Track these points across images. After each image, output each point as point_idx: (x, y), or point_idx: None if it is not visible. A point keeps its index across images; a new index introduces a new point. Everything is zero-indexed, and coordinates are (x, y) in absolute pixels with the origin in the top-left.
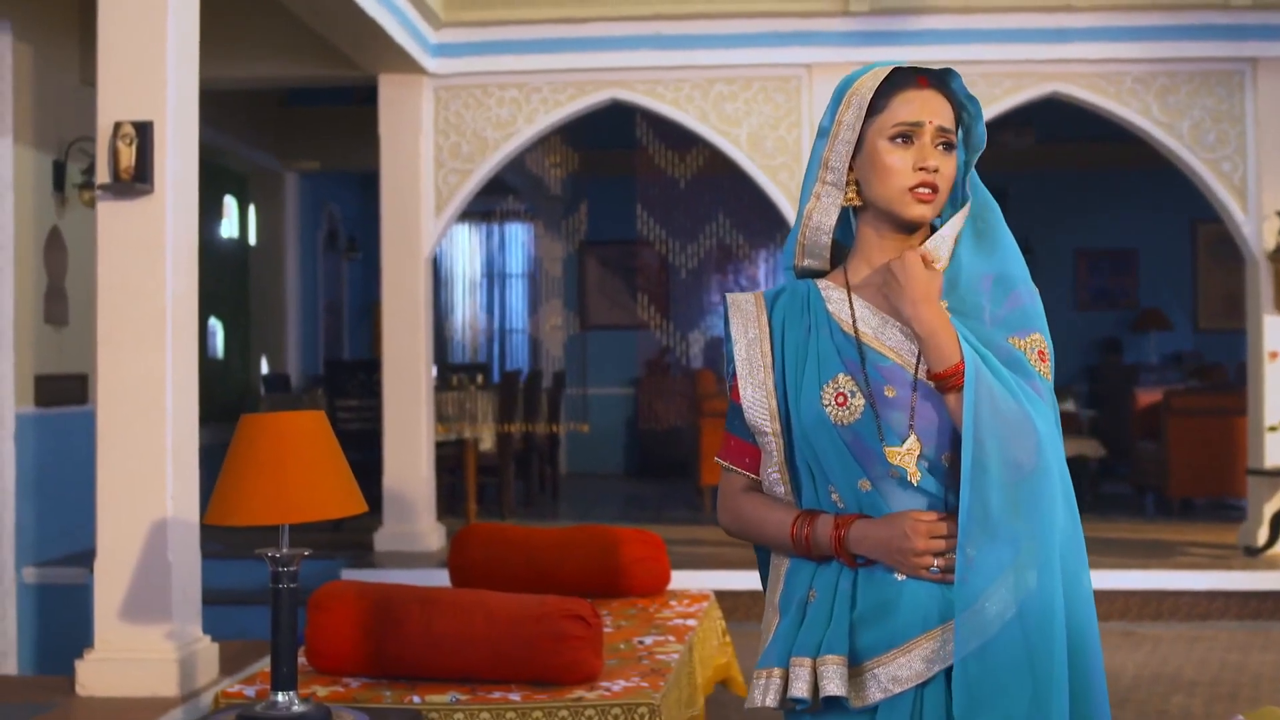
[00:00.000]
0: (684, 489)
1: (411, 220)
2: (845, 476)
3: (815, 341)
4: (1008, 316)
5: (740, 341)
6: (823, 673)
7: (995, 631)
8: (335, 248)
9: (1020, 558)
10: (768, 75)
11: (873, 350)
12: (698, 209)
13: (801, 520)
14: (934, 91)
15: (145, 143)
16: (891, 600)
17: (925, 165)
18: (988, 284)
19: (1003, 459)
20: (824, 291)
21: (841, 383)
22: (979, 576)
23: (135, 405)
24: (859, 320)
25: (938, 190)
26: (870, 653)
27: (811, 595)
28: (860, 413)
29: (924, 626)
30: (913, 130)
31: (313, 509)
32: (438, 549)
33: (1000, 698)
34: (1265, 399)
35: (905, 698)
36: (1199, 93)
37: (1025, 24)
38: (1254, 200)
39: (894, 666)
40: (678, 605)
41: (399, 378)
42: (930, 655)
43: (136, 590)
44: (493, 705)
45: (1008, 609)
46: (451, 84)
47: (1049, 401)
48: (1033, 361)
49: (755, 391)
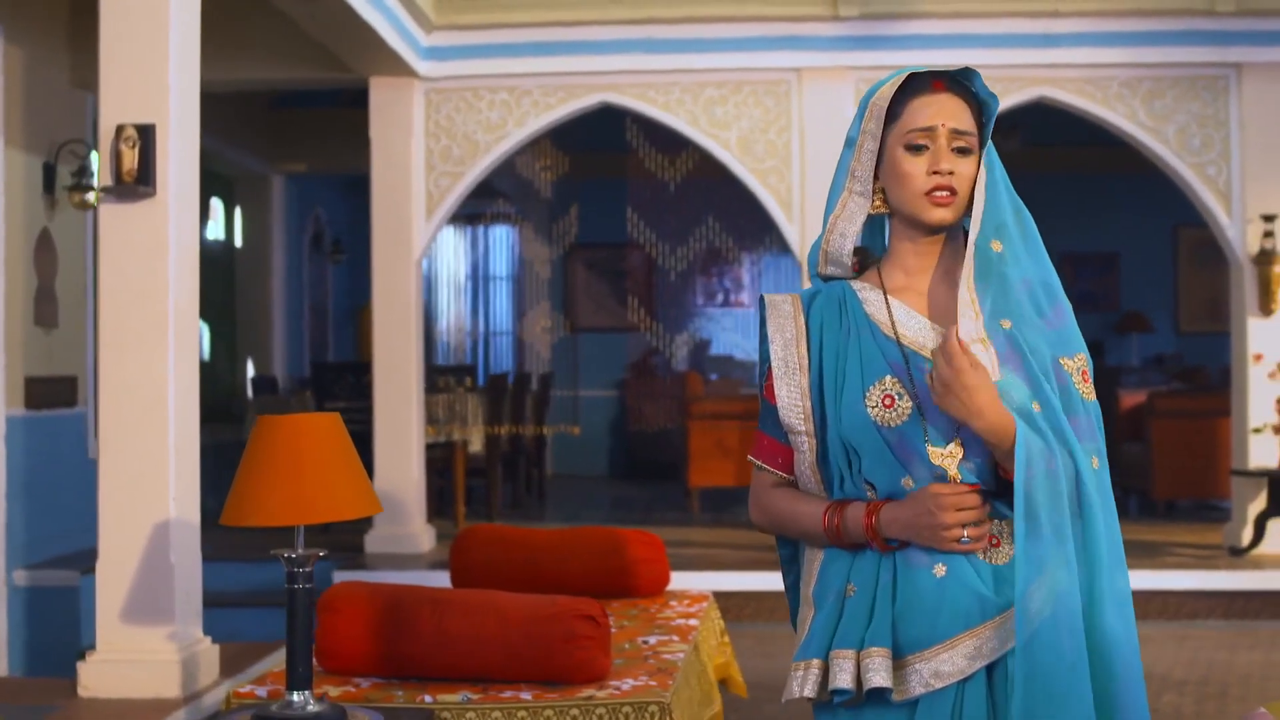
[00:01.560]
0: (672, 491)
1: (402, 223)
2: (887, 477)
3: (858, 344)
4: (1054, 336)
5: (776, 341)
6: (867, 665)
7: (1041, 624)
8: (321, 250)
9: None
10: (757, 79)
11: (915, 353)
12: (687, 212)
13: (833, 510)
14: (949, 94)
15: (148, 145)
16: (933, 596)
17: (939, 169)
18: (1033, 288)
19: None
20: (860, 294)
21: (889, 385)
22: (1029, 567)
23: (138, 407)
24: (899, 324)
25: (956, 192)
26: (912, 647)
27: (850, 589)
28: (908, 415)
29: (967, 624)
30: (927, 135)
31: (329, 510)
32: (429, 550)
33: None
34: (1249, 401)
35: (947, 694)
36: (1185, 97)
37: (1013, 29)
38: (1238, 204)
39: (936, 662)
40: (678, 605)
41: (390, 380)
42: (972, 652)
43: (138, 591)
44: (505, 704)
45: (1045, 607)
46: (442, 87)
47: (1089, 428)
48: (1078, 384)
49: (791, 391)
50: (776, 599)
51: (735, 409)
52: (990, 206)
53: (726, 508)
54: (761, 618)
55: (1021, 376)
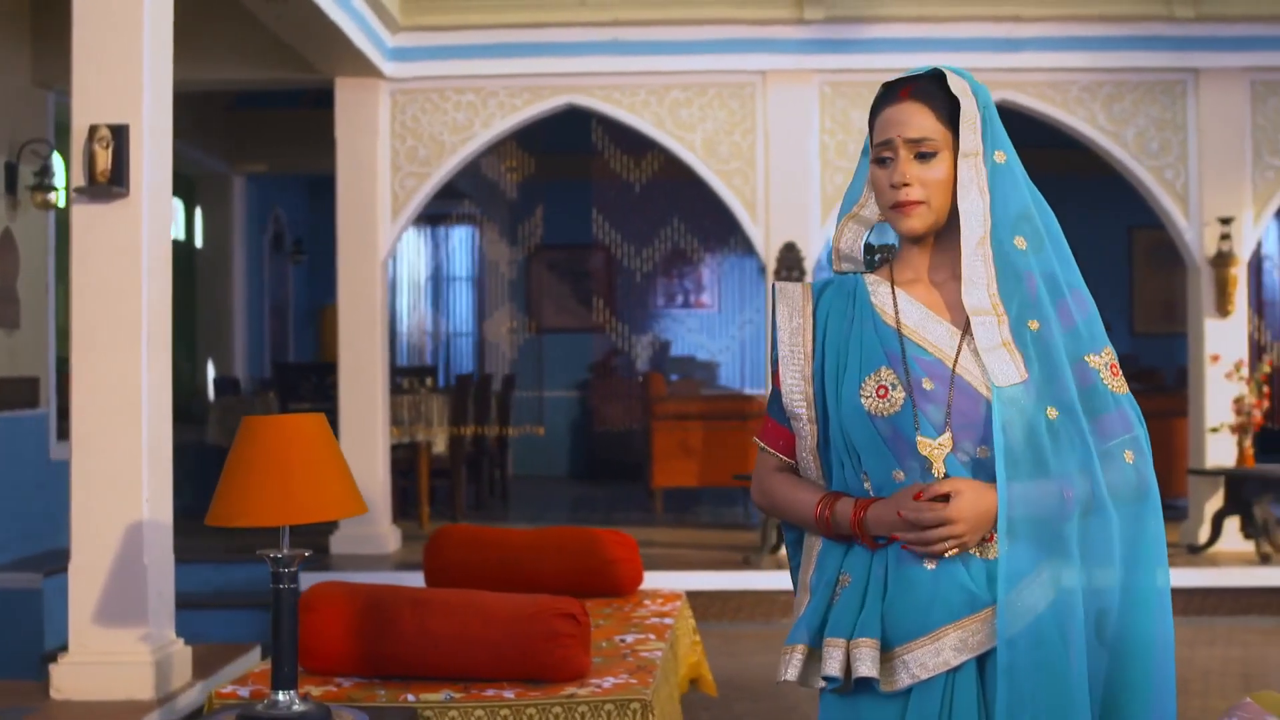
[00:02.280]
0: (634, 492)
1: (368, 224)
2: (880, 466)
3: (859, 333)
4: (1079, 333)
5: (784, 329)
6: (855, 655)
7: (1034, 620)
8: (282, 251)
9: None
10: (723, 82)
11: (913, 343)
12: (653, 213)
13: (825, 502)
14: (912, 102)
15: (121, 146)
16: (922, 589)
17: (894, 182)
18: (1057, 284)
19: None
20: (870, 286)
21: (884, 375)
22: (1023, 564)
23: (110, 407)
24: (901, 313)
25: (921, 201)
26: (900, 639)
27: (844, 579)
28: (900, 405)
29: (952, 616)
30: (888, 149)
31: (317, 510)
32: (395, 551)
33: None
34: (1206, 401)
35: (936, 684)
36: (1143, 101)
37: (976, 33)
38: (1195, 207)
39: (921, 654)
40: (652, 604)
41: (355, 381)
42: (958, 644)
43: (112, 593)
44: (487, 703)
45: (1047, 599)
46: (408, 88)
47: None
48: (1106, 380)
49: (794, 378)
50: (741, 598)
51: (698, 409)
52: (1006, 197)
53: (690, 508)
54: (727, 617)
55: (1046, 379)
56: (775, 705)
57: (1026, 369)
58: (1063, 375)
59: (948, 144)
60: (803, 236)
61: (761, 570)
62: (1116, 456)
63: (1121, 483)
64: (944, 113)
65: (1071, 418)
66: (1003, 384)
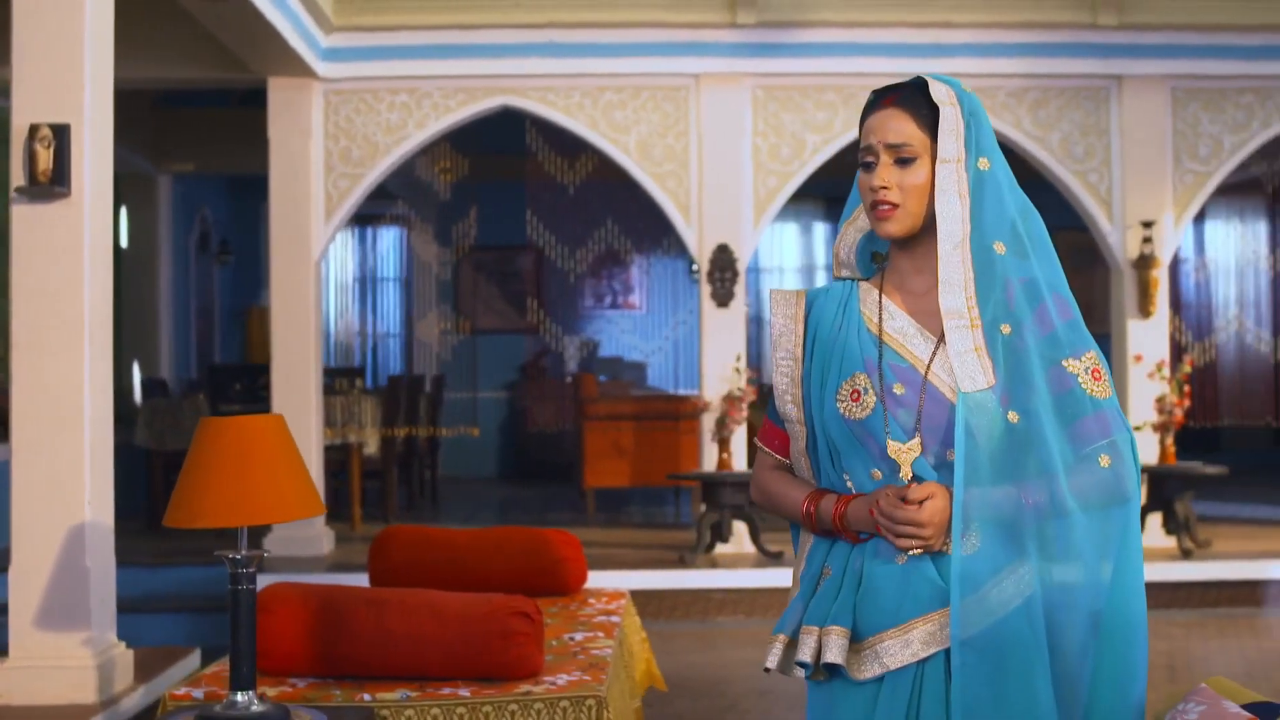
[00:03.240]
0: (565, 492)
1: (301, 224)
2: (859, 466)
3: (843, 339)
4: (1057, 338)
5: (779, 335)
6: (826, 642)
7: (1000, 618)
8: (208, 251)
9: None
10: (657, 84)
11: (891, 350)
12: (587, 214)
13: (811, 499)
14: (894, 109)
15: (63, 145)
16: (893, 584)
17: (871, 185)
18: (1035, 290)
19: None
20: (862, 293)
21: (858, 380)
22: (976, 571)
23: (53, 410)
24: (885, 321)
25: (896, 205)
26: (871, 630)
27: (826, 571)
28: (871, 409)
29: (921, 610)
30: (869, 153)
31: (277, 511)
32: (329, 552)
33: (999, 679)
34: (1130, 400)
35: (906, 674)
36: (1068, 107)
37: (906, 39)
38: (1119, 210)
39: (892, 644)
40: (597, 603)
41: (288, 382)
42: (927, 637)
43: (54, 596)
44: (443, 701)
45: (1013, 599)
46: (342, 88)
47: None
48: (1085, 384)
49: (785, 381)
50: (677, 597)
51: (630, 410)
52: (987, 205)
53: (621, 508)
54: (663, 615)
55: (1013, 384)
56: (715, 703)
57: (995, 374)
58: (1031, 380)
59: (928, 151)
60: (735, 238)
61: (697, 569)
62: (1091, 461)
63: (1092, 486)
64: (926, 120)
65: (1035, 423)
66: (969, 389)
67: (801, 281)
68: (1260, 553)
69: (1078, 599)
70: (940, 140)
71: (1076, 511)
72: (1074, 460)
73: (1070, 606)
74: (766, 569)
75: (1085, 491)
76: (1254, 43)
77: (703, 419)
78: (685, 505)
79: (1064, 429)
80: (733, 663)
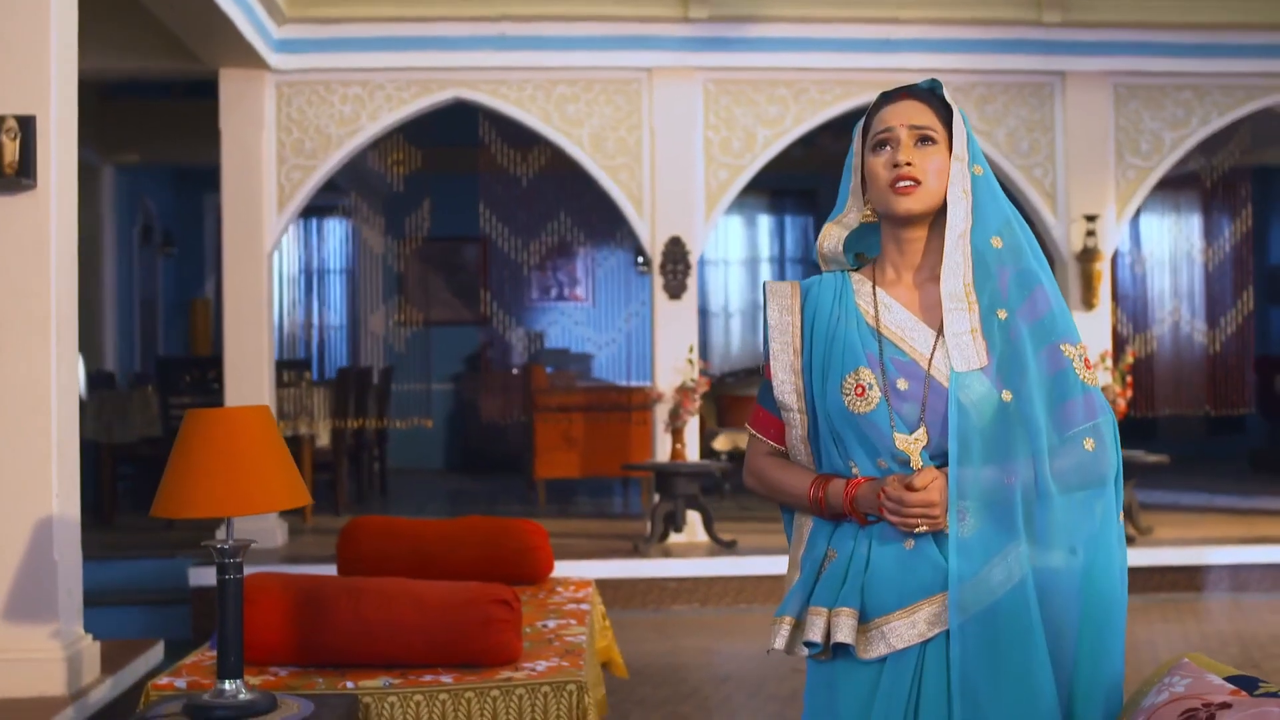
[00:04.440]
0: (513, 483)
1: (253, 216)
2: (864, 456)
3: (843, 332)
4: (1051, 324)
5: (775, 326)
6: (835, 623)
7: (999, 598)
8: (151, 243)
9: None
10: (609, 78)
11: (891, 344)
12: (540, 206)
13: (818, 484)
14: (912, 100)
15: (29, 137)
16: (901, 567)
17: (897, 161)
18: (1030, 280)
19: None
20: (855, 285)
21: (862, 375)
22: (976, 552)
23: (19, 404)
24: (882, 315)
25: (919, 181)
26: (878, 611)
27: (831, 554)
28: (876, 404)
29: (928, 591)
30: (887, 135)
31: (264, 501)
32: (282, 545)
33: (996, 657)
34: None
35: (910, 654)
36: (1014, 103)
37: (855, 34)
38: (1063, 204)
39: (900, 625)
40: (565, 591)
41: (241, 375)
42: (932, 618)
43: (21, 589)
44: (425, 688)
45: (1009, 579)
46: (294, 80)
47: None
48: (1078, 369)
49: (784, 372)
50: (633, 586)
51: (581, 401)
52: (985, 205)
53: (570, 499)
54: (619, 604)
55: (1006, 366)
56: (676, 690)
57: (989, 355)
58: (1024, 361)
59: (945, 141)
60: (688, 231)
61: (651, 559)
62: (1076, 443)
63: (1072, 469)
64: (941, 116)
65: (1026, 404)
66: (961, 369)
67: (746, 274)
68: (1200, 539)
69: (1060, 580)
70: (955, 137)
71: (1057, 495)
72: (1058, 443)
73: (1054, 588)
74: (720, 558)
75: (1065, 474)
76: (1193, 41)
77: (655, 410)
78: (634, 496)
79: (1051, 411)
80: (689, 650)
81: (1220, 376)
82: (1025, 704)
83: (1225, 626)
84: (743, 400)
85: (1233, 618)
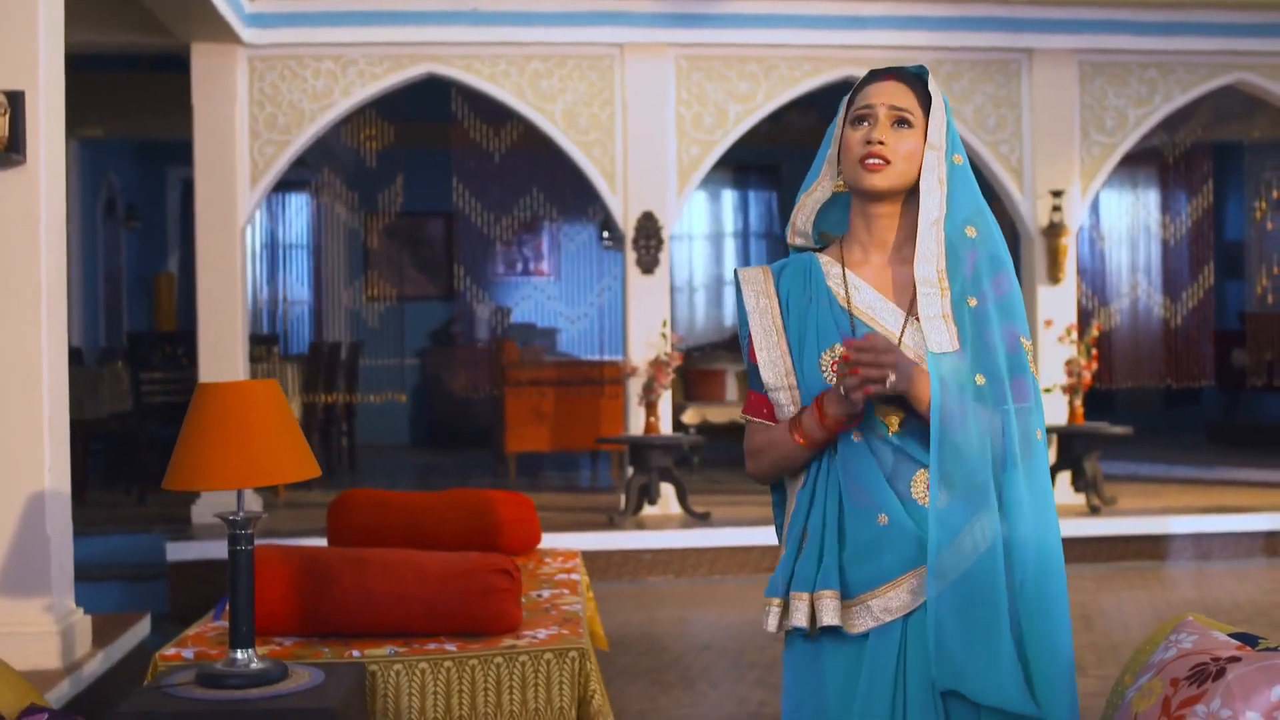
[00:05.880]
0: (482, 457)
1: (226, 191)
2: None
3: (815, 311)
4: (1010, 311)
5: (754, 311)
6: (819, 606)
7: (972, 563)
8: (114, 217)
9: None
10: (582, 53)
11: (863, 323)
12: (512, 182)
13: (794, 422)
14: (897, 82)
15: (18, 113)
16: (878, 541)
17: (870, 138)
18: (996, 268)
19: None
20: (824, 266)
21: (838, 351)
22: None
23: (11, 379)
24: (852, 295)
25: (888, 161)
26: (862, 587)
27: (806, 534)
28: None
29: (909, 565)
30: (866, 112)
31: (274, 473)
32: None
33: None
34: (1040, 363)
35: (894, 626)
36: (981, 80)
37: (823, 11)
38: (1029, 180)
39: (885, 599)
40: (554, 562)
41: (215, 350)
42: (915, 589)
43: (14, 564)
44: (430, 656)
45: (980, 544)
46: (267, 54)
47: (1034, 390)
48: (1029, 352)
49: (771, 354)
50: (609, 558)
51: (552, 375)
52: (960, 194)
53: (540, 473)
54: (595, 576)
55: (978, 351)
56: (658, 660)
57: (960, 341)
58: (993, 347)
59: (921, 127)
60: (660, 206)
61: (626, 531)
62: (1025, 416)
63: (1024, 437)
64: (922, 102)
65: (998, 386)
66: (936, 350)
67: (711, 248)
68: (1162, 509)
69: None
70: (931, 126)
71: (1020, 464)
72: (1014, 416)
73: (1018, 553)
74: (694, 529)
75: (1020, 445)
76: (1156, 19)
77: (628, 384)
78: (604, 470)
79: (1009, 385)
80: (666, 620)
81: (1180, 349)
82: (993, 661)
83: (1191, 594)
84: (710, 374)
85: (1198, 584)
